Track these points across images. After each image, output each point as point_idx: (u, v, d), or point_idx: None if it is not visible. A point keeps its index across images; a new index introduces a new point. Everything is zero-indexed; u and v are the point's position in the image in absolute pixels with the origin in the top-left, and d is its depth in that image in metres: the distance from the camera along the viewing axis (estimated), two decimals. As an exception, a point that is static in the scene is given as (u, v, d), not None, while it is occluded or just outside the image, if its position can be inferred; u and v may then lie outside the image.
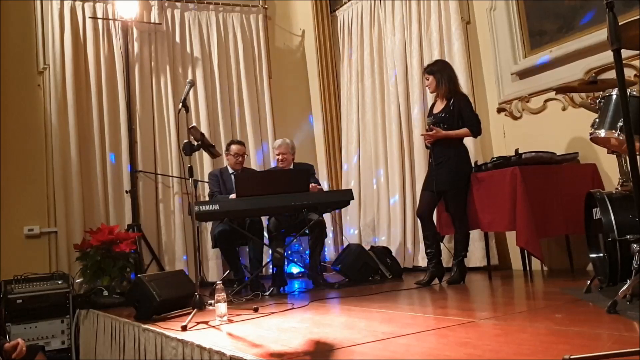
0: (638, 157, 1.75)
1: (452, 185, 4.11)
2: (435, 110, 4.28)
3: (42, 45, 5.72)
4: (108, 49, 5.94)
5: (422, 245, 5.09)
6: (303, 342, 2.39)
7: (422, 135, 4.42)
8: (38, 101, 5.67)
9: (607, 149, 3.19)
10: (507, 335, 2.17)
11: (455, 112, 4.14)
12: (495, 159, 4.16)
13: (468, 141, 4.38)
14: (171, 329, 2.93)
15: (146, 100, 6.03)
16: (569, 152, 4.23)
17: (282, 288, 4.63)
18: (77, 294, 4.87)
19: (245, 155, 5.29)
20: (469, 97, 4.39)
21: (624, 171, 3.09)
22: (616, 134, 2.68)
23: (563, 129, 4.34)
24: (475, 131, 4.16)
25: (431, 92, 4.39)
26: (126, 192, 5.74)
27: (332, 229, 6.45)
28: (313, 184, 4.78)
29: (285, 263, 5.01)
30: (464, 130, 4.12)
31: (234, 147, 5.12)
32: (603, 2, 1.73)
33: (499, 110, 4.87)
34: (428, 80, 4.28)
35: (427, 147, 4.30)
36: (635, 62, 3.78)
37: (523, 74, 4.68)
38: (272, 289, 4.54)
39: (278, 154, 5.05)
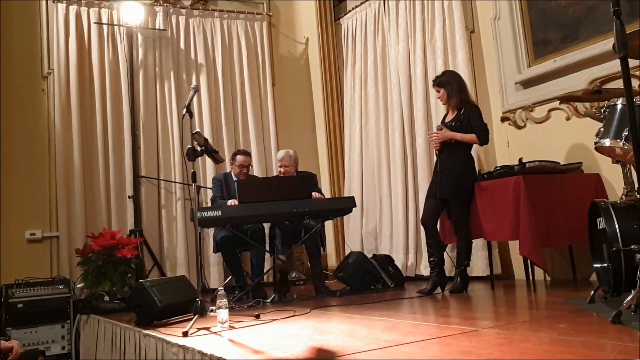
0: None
1: (455, 192, 4.10)
2: (447, 119, 4.29)
3: (47, 50, 5.76)
4: (113, 54, 5.97)
5: (424, 254, 5.07)
6: (305, 349, 2.38)
7: (429, 134, 4.39)
8: (42, 105, 5.69)
9: (612, 159, 3.17)
10: (511, 344, 2.16)
11: (465, 121, 4.14)
12: (498, 168, 4.15)
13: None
14: (172, 335, 2.92)
15: (150, 106, 6.05)
16: (572, 162, 4.22)
17: (283, 295, 4.62)
18: (78, 299, 4.85)
19: (250, 166, 5.27)
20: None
21: (628, 181, 3.08)
22: (621, 143, 2.67)
23: (567, 138, 4.33)
24: (482, 139, 4.15)
25: (443, 104, 4.38)
26: (129, 197, 5.74)
27: (334, 236, 6.43)
28: (317, 194, 4.77)
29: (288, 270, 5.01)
30: (472, 135, 4.12)
31: (239, 158, 5.07)
32: (610, 10, 1.72)
33: (503, 119, 4.86)
34: (439, 92, 4.27)
35: (436, 154, 4.30)
36: (638, 72, 3.78)
37: (527, 84, 4.67)
38: (273, 295, 4.53)
39: (280, 166, 5.04)
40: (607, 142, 2.78)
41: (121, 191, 5.78)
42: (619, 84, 2.41)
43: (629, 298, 2.35)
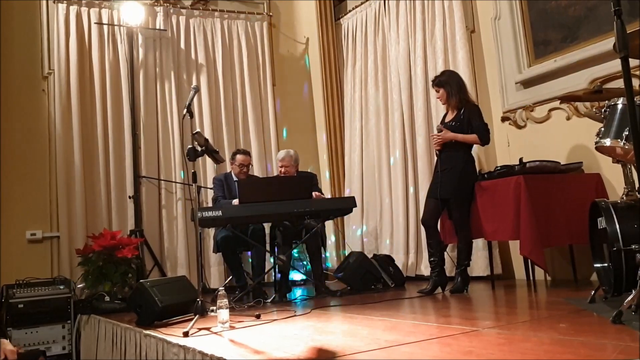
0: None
1: (456, 192, 4.10)
2: (447, 119, 4.28)
3: (47, 50, 5.75)
4: (113, 54, 5.97)
5: (425, 254, 5.07)
6: (305, 349, 2.38)
7: (431, 135, 4.37)
8: (42, 106, 5.69)
9: (612, 158, 3.17)
10: (511, 344, 2.16)
11: (465, 121, 4.14)
12: (499, 168, 4.15)
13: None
14: (173, 335, 2.92)
15: (150, 106, 6.05)
16: (573, 162, 4.22)
17: (284, 295, 4.62)
18: (78, 299, 4.85)
19: (250, 166, 5.28)
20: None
21: (629, 180, 3.08)
22: (622, 143, 2.67)
23: (567, 138, 4.33)
24: (484, 139, 4.15)
25: (443, 104, 4.38)
26: (129, 197, 5.74)
27: (334, 236, 6.44)
28: (317, 193, 4.78)
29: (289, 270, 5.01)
30: (473, 136, 4.12)
31: (239, 157, 5.08)
32: (611, 10, 1.72)
33: (503, 119, 4.86)
34: (438, 92, 4.27)
35: (437, 154, 4.30)
36: (638, 72, 3.78)
37: (527, 83, 4.67)
38: (274, 295, 4.53)
39: (281, 167, 5.05)
40: (607, 142, 2.78)
41: (121, 191, 5.78)
42: (619, 83, 2.42)
43: (629, 298, 2.35)
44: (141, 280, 3.88)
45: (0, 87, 5.44)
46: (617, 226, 2.67)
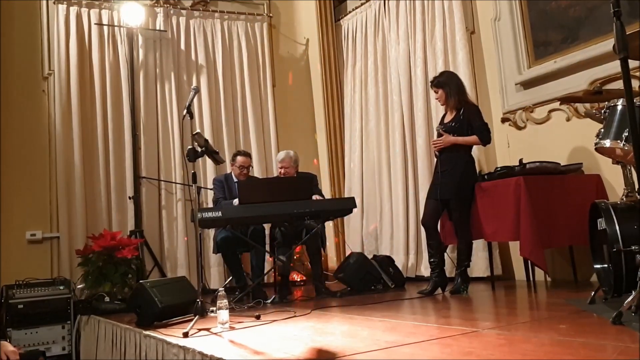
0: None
1: (456, 193, 4.10)
2: (446, 120, 4.28)
3: (48, 51, 5.76)
4: (113, 55, 5.98)
5: (425, 255, 5.07)
6: (305, 350, 2.38)
7: (432, 142, 4.36)
8: (42, 106, 5.70)
9: (612, 160, 3.18)
10: (511, 345, 2.16)
11: (465, 121, 4.13)
12: (499, 169, 4.15)
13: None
14: (173, 336, 2.92)
15: (150, 107, 6.05)
16: (573, 163, 4.22)
17: (284, 296, 4.62)
18: (78, 300, 4.85)
19: (250, 167, 5.27)
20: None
21: (629, 181, 3.08)
22: (621, 144, 2.67)
23: (567, 139, 4.33)
24: (485, 140, 4.14)
25: (442, 105, 4.38)
26: (129, 198, 5.74)
27: (334, 237, 6.43)
28: (316, 197, 4.77)
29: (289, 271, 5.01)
30: (473, 137, 4.11)
31: (239, 159, 5.08)
32: (611, 11, 1.73)
33: (503, 120, 4.86)
34: (437, 93, 4.27)
35: (436, 155, 4.29)
36: (638, 73, 3.78)
37: (527, 84, 4.67)
38: (274, 296, 4.53)
39: (280, 168, 5.04)
40: (607, 143, 2.78)
41: (122, 192, 5.78)
42: (619, 84, 2.42)
43: (629, 299, 2.35)
44: (141, 281, 3.88)
45: (0, 87, 5.45)
46: (617, 227, 2.67)
